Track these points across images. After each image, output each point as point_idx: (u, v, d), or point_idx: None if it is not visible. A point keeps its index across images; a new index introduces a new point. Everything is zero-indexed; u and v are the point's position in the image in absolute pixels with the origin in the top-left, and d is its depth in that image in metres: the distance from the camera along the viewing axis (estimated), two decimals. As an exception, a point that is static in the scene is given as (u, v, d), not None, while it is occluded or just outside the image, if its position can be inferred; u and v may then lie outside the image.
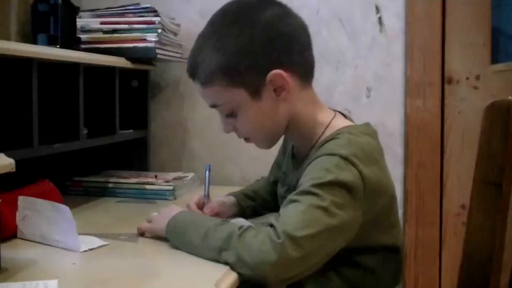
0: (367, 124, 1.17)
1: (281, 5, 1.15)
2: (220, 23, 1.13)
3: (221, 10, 1.15)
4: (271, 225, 0.98)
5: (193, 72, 1.14)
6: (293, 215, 0.98)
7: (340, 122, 1.16)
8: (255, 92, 1.11)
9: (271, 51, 1.10)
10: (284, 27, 1.11)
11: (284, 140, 1.36)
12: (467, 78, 1.83)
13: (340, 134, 1.09)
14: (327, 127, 1.15)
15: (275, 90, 1.11)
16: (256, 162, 1.89)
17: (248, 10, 1.12)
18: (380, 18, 1.86)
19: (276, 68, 1.09)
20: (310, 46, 1.17)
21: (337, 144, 1.06)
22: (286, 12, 1.14)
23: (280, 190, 1.30)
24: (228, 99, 1.12)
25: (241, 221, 1.31)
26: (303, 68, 1.15)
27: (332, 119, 1.16)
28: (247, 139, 1.21)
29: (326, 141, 1.09)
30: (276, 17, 1.11)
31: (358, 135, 1.09)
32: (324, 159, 1.04)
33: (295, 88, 1.13)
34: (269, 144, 1.22)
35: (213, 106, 1.16)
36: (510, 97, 0.87)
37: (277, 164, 1.41)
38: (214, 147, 1.98)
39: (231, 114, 1.15)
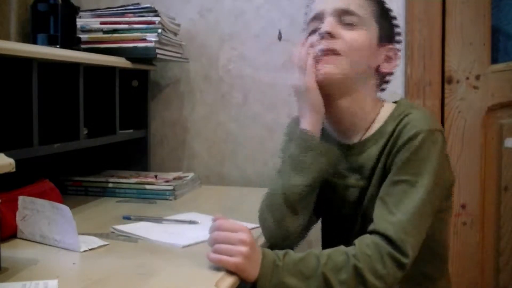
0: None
1: None
2: None
3: None
4: (384, 236, 0.98)
5: None
6: (409, 214, 0.99)
7: (389, 104, 1.16)
8: (379, 39, 1.14)
9: (396, 27, 1.21)
10: None
11: None
12: (467, 78, 1.83)
13: (413, 109, 1.10)
14: (381, 107, 1.15)
15: (385, 57, 1.14)
16: (255, 161, 1.89)
17: None
18: (380, 18, 1.85)
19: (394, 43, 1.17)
20: None
21: (418, 118, 1.06)
22: None
23: (340, 182, 1.15)
24: (363, 15, 1.12)
25: (190, 216, 1.32)
26: None
27: (383, 102, 1.17)
28: (332, 52, 1.09)
29: (403, 117, 1.08)
30: None
31: (421, 108, 1.14)
32: (419, 138, 1.03)
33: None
34: (346, 71, 1.09)
35: (343, 12, 1.11)
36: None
37: None
38: (213, 147, 1.98)
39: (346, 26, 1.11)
